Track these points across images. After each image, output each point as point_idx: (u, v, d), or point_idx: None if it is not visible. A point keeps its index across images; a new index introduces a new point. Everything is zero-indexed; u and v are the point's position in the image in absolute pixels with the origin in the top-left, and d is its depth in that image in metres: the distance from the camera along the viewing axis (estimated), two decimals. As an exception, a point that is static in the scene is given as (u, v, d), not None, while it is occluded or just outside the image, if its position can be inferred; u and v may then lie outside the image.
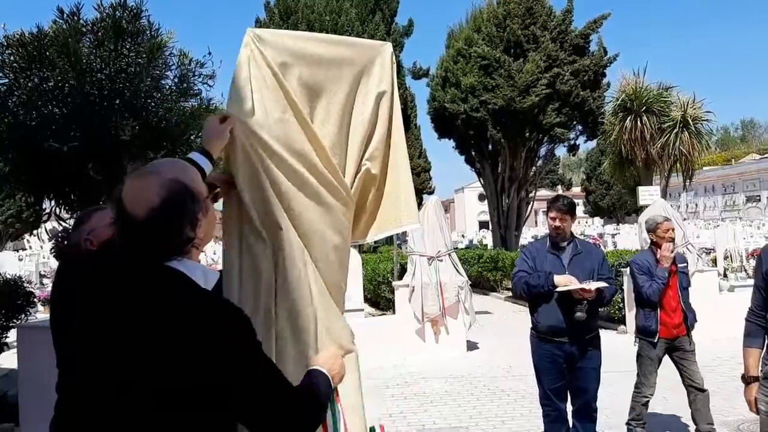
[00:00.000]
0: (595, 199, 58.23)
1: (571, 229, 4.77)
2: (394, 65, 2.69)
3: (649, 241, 5.60)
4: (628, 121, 14.17)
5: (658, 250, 5.35)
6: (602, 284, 4.44)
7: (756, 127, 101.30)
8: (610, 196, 57.03)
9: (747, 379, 3.32)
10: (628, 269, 11.92)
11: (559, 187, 67.60)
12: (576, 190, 72.00)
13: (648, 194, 12.97)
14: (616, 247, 23.48)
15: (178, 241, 1.68)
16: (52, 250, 7.62)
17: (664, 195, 13.51)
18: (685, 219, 14.33)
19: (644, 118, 13.96)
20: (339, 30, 19.62)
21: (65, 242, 7.73)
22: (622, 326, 11.36)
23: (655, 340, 5.32)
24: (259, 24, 21.41)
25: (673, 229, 5.51)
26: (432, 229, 10.56)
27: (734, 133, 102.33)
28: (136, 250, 1.65)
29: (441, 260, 10.39)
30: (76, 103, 7.35)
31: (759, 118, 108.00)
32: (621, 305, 11.68)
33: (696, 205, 58.61)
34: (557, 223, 4.64)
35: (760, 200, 54.51)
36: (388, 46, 2.69)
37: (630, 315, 10.34)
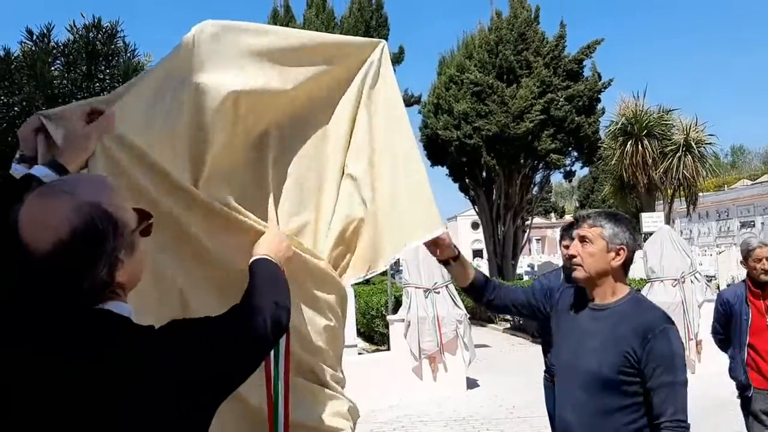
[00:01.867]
0: (588, 227, 57.96)
1: None
2: (387, 63, 2.21)
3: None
4: (628, 145, 13.80)
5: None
6: None
7: (746, 153, 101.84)
8: (603, 223, 56.81)
9: None
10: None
11: (552, 214, 67.32)
12: (569, 217, 71.80)
13: (651, 221, 12.54)
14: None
15: (88, 287, 1.24)
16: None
17: (667, 221, 13.07)
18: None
19: (645, 142, 13.60)
20: (329, 57, 19.32)
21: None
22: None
23: (749, 394, 4.42)
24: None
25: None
26: (427, 260, 10.02)
27: (724, 159, 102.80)
28: (28, 296, 1.25)
29: (438, 292, 9.86)
30: (44, 129, 6.85)
31: (748, 145, 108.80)
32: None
33: (690, 231, 58.43)
34: (572, 251, 4.19)
35: (754, 225, 54.33)
36: (380, 44, 2.22)
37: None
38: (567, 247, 4.22)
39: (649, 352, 2.29)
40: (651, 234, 12.17)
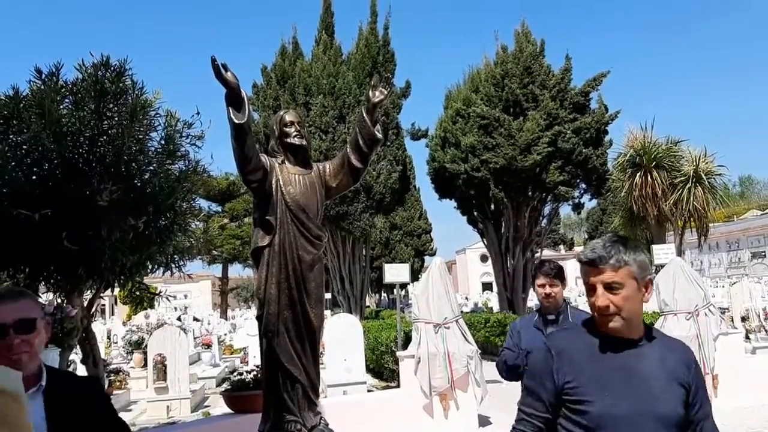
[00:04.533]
0: (598, 258, 57.47)
1: (562, 295, 4.17)
2: None
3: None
4: (637, 177, 13.69)
5: None
6: None
7: (754, 184, 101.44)
8: (613, 255, 56.37)
9: None
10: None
11: (561, 246, 66.97)
12: (578, 249, 71.36)
13: (663, 253, 12.36)
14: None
15: None
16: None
17: (679, 253, 12.90)
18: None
19: (654, 173, 13.48)
20: (336, 93, 19.46)
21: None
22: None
23: None
24: (255, 89, 21.29)
25: None
26: (438, 294, 9.88)
27: (732, 189, 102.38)
28: None
29: (448, 327, 9.69)
30: (50, 167, 6.83)
31: (757, 175, 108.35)
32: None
33: (701, 262, 57.87)
34: (546, 290, 4.10)
35: (765, 256, 53.83)
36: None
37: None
38: (542, 285, 4.11)
39: (696, 382, 2.16)
40: (662, 266, 11.99)
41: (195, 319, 26.54)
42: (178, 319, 24.94)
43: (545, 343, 2.29)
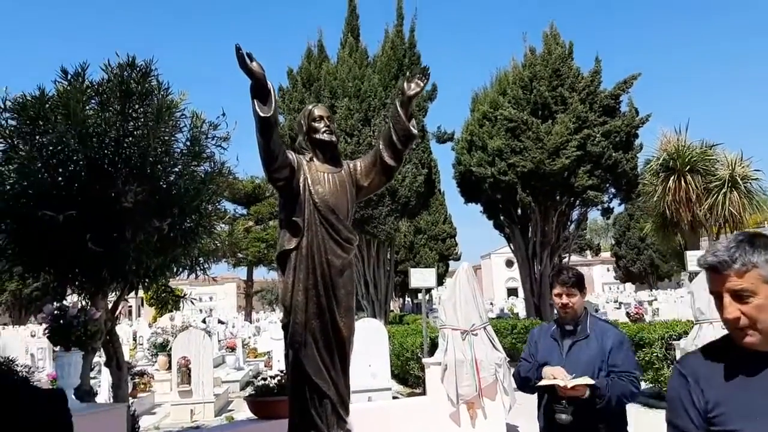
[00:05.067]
0: (625, 264, 56.75)
1: (581, 305, 3.84)
2: None
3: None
4: (671, 181, 13.30)
5: None
6: (588, 380, 3.47)
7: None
8: (641, 261, 55.61)
9: None
10: (681, 342, 10.92)
11: (588, 252, 66.21)
12: (605, 255, 70.48)
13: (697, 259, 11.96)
14: (656, 315, 22.13)
15: None
16: (46, 331, 6.90)
17: (713, 260, 12.50)
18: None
19: (688, 177, 13.10)
20: (362, 96, 19.34)
21: (60, 322, 6.90)
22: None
23: None
24: (281, 92, 21.27)
25: None
26: (465, 300, 9.65)
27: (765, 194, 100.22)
28: None
29: (475, 334, 9.45)
30: (76, 168, 6.78)
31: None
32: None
33: (731, 268, 56.34)
34: (563, 299, 3.77)
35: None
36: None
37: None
38: (559, 295, 3.79)
39: None
40: (697, 273, 11.63)
41: (220, 322, 26.61)
42: (203, 321, 25.02)
43: (677, 368, 2.02)
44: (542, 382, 3.62)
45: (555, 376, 3.57)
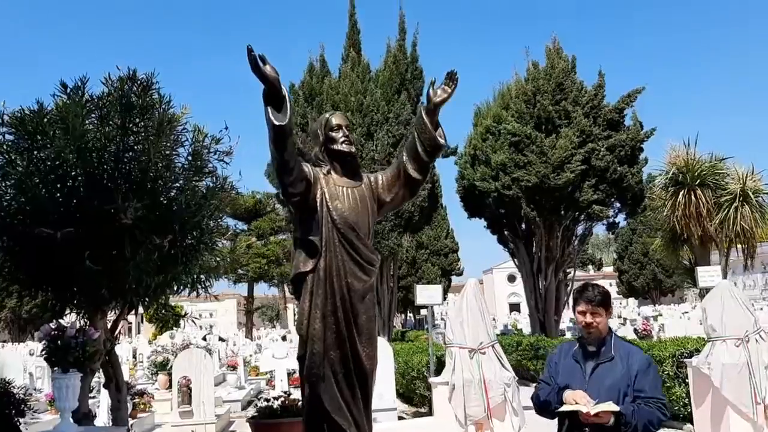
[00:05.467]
0: (628, 279, 56.48)
1: (606, 325, 3.62)
2: None
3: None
4: (680, 195, 13.12)
5: None
6: (613, 407, 3.27)
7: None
8: (644, 275, 55.36)
9: None
10: (693, 360, 10.68)
11: (590, 267, 65.95)
12: (607, 269, 70.21)
13: (708, 275, 11.76)
14: (662, 332, 21.85)
15: None
16: (44, 352, 6.67)
17: (725, 275, 12.30)
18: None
19: (698, 192, 12.91)
20: (365, 111, 19.22)
21: (58, 343, 6.68)
22: (689, 425, 10.03)
23: None
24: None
25: None
26: (473, 317, 9.43)
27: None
28: None
29: (484, 353, 9.23)
30: (74, 184, 6.60)
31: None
32: (686, 400, 10.35)
33: (734, 284, 56.37)
34: (588, 318, 3.56)
35: (804, 278, 52.28)
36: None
37: (698, 412, 9.02)
38: (583, 313, 3.57)
39: None
40: (708, 289, 11.42)
41: (220, 339, 26.33)
42: (204, 338, 24.75)
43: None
44: (563, 408, 3.42)
45: (577, 400, 3.37)
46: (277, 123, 3.54)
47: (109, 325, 7.57)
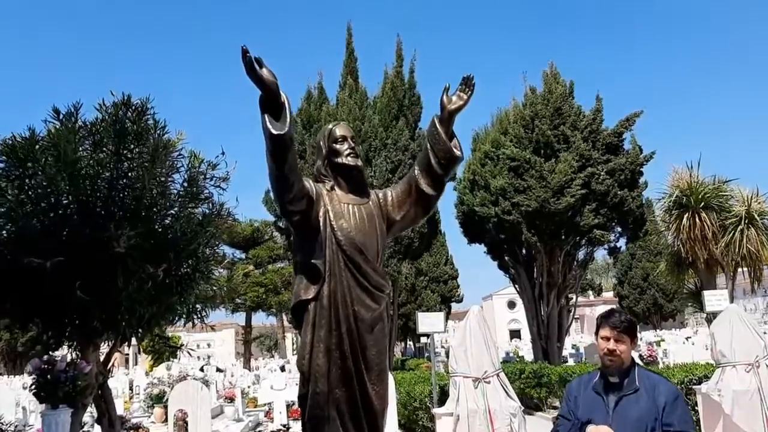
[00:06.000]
0: (629, 305, 56.12)
1: (630, 355, 3.39)
2: None
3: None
4: (685, 218, 12.97)
5: None
6: None
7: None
8: (644, 300, 55.07)
9: None
10: (703, 386, 10.41)
11: (590, 292, 65.52)
12: (607, 295, 69.78)
13: (715, 299, 11.55)
14: (666, 357, 21.54)
15: None
16: (33, 387, 6.41)
17: (731, 299, 12.09)
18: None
19: (703, 214, 12.77)
20: (363, 137, 19.14)
21: (48, 377, 6.41)
22: (702, 454, 9.70)
23: None
24: (280, 134, 21.07)
25: None
26: (476, 345, 9.19)
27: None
28: None
29: (488, 382, 8.97)
30: (66, 212, 6.42)
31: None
32: (696, 428, 10.06)
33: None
34: (611, 344, 3.32)
35: (805, 301, 51.97)
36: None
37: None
38: (606, 339, 3.34)
39: None
40: (716, 314, 11.20)
41: (218, 370, 25.92)
42: (201, 369, 24.34)
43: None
44: None
45: None
46: (275, 132, 3.19)
47: (102, 358, 7.33)
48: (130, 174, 6.83)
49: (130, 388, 22.67)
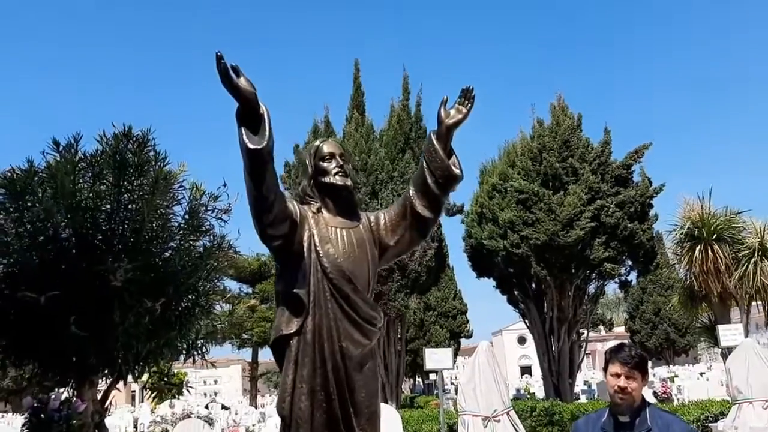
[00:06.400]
0: (640, 340, 55.24)
1: (641, 392, 3.17)
2: None
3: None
4: (697, 251, 12.72)
5: None
6: None
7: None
8: (656, 335, 54.16)
9: None
10: (719, 424, 10.06)
11: (601, 327, 64.67)
12: (619, 330, 68.85)
13: (730, 334, 11.26)
14: (680, 393, 21.01)
15: None
16: (24, 428, 6.19)
17: (746, 333, 11.78)
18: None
19: (716, 247, 12.53)
20: (369, 170, 19.08)
21: (41, 416, 6.18)
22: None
23: None
24: (287, 167, 21.07)
25: None
26: (486, 382, 8.94)
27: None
28: None
29: (498, 420, 8.69)
30: (63, 244, 6.29)
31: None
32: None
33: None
34: (621, 382, 3.10)
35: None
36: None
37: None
38: (617, 375, 3.11)
39: None
40: (730, 349, 10.89)
41: (223, 407, 25.47)
42: (206, 407, 23.94)
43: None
44: None
45: None
46: (251, 146, 2.88)
47: (99, 396, 7.11)
48: (130, 206, 6.71)
49: (135, 427, 22.28)
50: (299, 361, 3.10)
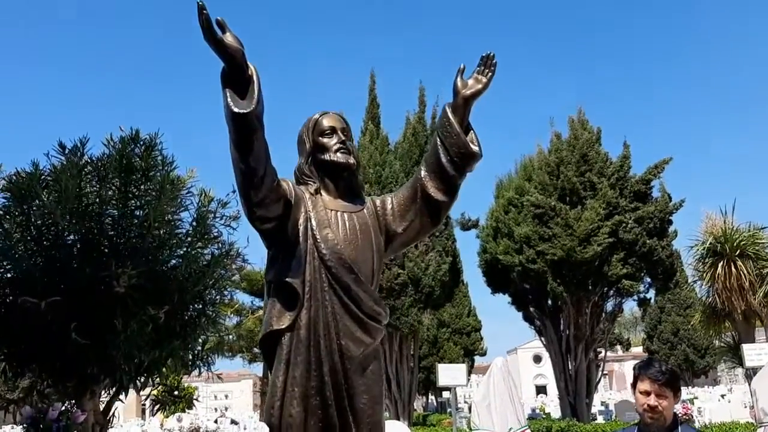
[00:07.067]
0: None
1: (672, 411, 2.95)
2: None
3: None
4: (720, 267, 12.34)
5: None
6: None
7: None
8: (675, 356, 53.16)
9: None
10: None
11: (618, 347, 63.73)
12: (636, 350, 67.82)
13: (755, 353, 10.87)
14: (701, 415, 20.41)
15: None
16: (22, 440, 5.97)
17: (772, 352, 11.36)
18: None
19: (739, 263, 12.14)
20: (383, 182, 18.91)
21: (39, 427, 5.96)
22: None
23: None
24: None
25: None
26: (500, 400, 8.64)
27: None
28: None
29: (514, 439, 8.37)
30: (67, 249, 6.11)
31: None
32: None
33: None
34: (652, 400, 2.87)
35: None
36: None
37: None
38: (646, 393, 2.89)
39: None
40: (756, 369, 10.49)
41: (233, 422, 25.17)
42: (215, 421, 23.67)
43: None
44: None
45: None
46: (237, 110, 2.49)
47: (102, 406, 6.89)
48: (136, 212, 6.53)
49: (143, 440, 22.05)
50: (291, 360, 2.71)
